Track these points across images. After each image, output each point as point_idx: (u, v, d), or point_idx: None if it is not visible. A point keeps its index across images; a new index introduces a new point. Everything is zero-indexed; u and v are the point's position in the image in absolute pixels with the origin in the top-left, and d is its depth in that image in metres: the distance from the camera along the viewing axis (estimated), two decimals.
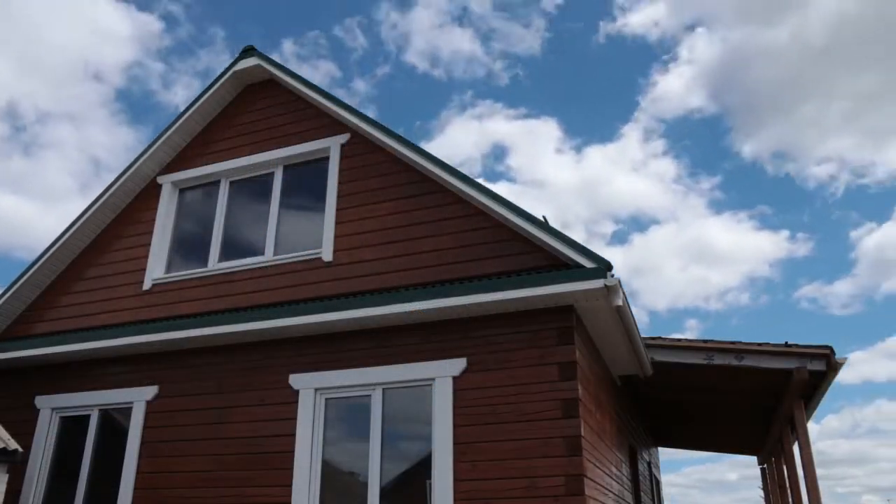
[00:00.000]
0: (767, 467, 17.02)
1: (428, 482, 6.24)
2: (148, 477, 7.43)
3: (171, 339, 7.61)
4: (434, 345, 6.69)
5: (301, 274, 7.69)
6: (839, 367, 8.17)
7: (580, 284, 6.06)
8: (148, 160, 9.13)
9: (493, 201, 6.87)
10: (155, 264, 8.63)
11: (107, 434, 8.01)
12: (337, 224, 7.78)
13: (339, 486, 6.74)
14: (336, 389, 6.95)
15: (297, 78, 8.70)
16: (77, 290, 9.01)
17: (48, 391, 8.44)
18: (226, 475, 7.04)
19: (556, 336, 6.28)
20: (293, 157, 8.50)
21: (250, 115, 9.10)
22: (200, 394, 7.55)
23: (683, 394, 11.38)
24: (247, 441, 7.09)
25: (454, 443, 6.21)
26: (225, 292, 8.00)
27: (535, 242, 6.71)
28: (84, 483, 7.82)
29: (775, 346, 8.36)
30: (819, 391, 9.07)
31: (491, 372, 6.36)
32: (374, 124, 7.89)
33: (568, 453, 5.84)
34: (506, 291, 6.25)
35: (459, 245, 7.05)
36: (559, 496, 5.73)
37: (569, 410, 5.97)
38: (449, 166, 7.26)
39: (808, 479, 8.87)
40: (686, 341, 8.85)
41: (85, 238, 9.24)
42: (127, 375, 8.05)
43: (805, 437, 8.98)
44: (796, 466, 10.64)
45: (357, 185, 7.91)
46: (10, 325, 9.23)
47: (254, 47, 9.15)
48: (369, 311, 6.73)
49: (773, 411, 11.33)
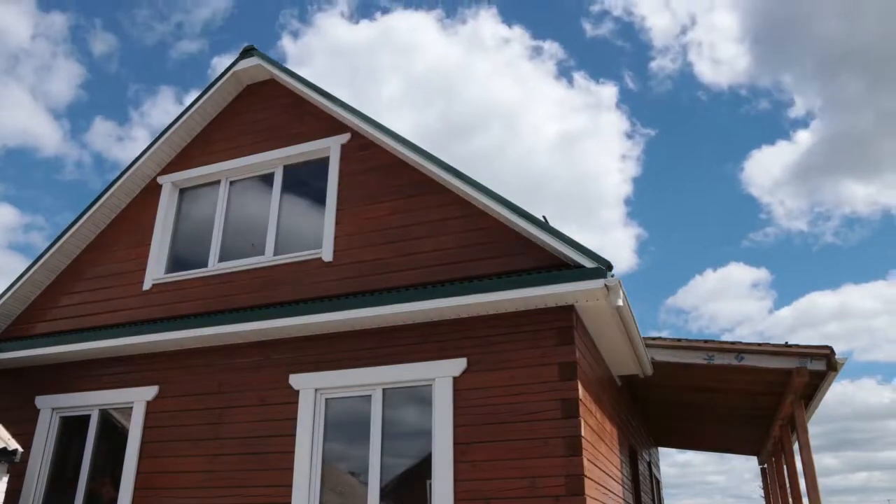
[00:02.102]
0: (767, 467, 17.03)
1: (428, 482, 6.24)
2: (148, 477, 7.43)
3: (171, 339, 7.61)
4: (434, 345, 6.68)
5: (301, 274, 7.68)
6: (839, 366, 8.17)
7: (580, 284, 6.06)
8: (148, 160, 9.13)
9: (493, 201, 6.87)
10: (155, 264, 8.62)
11: (107, 434, 8.01)
12: (337, 224, 7.77)
13: (339, 486, 6.73)
14: (336, 389, 6.95)
15: (297, 78, 8.70)
16: (77, 290, 9.00)
17: (48, 391, 8.44)
18: (226, 475, 7.04)
19: (557, 336, 6.27)
20: (293, 157, 8.49)
21: (250, 115, 9.09)
22: (200, 394, 7.55)
23: (683, 394, 11.38)
24: (247, 441, 7.09)
25: (454, 443, 6.21)
26: (225, 292, 7.99)
27: (535, 242, 6.70)
28: (84, 483, 7.81)
29: (775, 346, 8.37)
30: (819, 391, 9.07)
31: (491, 372, 6.35)
32: (375, 124, 7.89)
33: (568, 453, 5.83)
34: (506, 291, 6.25)
35: (459, 245, 7.05)
36: (559, 496, 5.73)
37: (569, 410, 5.97)
38: (449, 166, 7.26)
39: (808, 479, 8.87)
40: (686, 341, 8.86)
41: (85, 238, 9.24)
42: (127, 375, 8.05)
43: (805, 437, 8.98)
44: (796, 466, 10.65)
45: (357, 184, 7.90)
46: (10, 325, 9.23)
47: (254, 47, 9.15)
48: (369, 311, 6.72)
49: (773, 411, 11.33)
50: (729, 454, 24.03)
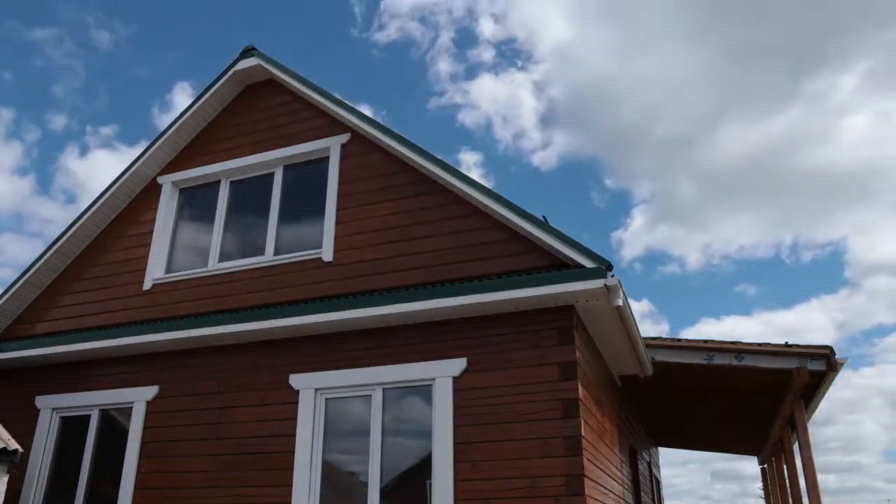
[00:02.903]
0: (767, 467, 17.04)
1: (428, 482, 6.24)
2: (148, 477, 7.42)
3: (171, 339, 7.61)
4: (434, 345, 6.68)
5: (301, 274, 7.68)
6: (839, 366, 8.18)
7: (580, 284, 6.06)
8: (148, 160, 9.13)
9: (493, 201, 6.87)
10: (155, 264, 8.62)
11: (107, 434, 8.00)
12: (337, 224, 7.77)
13: (339, 486, 6.73)
14: (336, 389, 6.94)
15: (297, 78, 8.70)
16: (77, 290, 9.00)
17: (48, 391, 8.43)
18: (226, 475, 7.04)
19: (557, 336, 6.27)
20: (293, 157, 8.49)
21: (250, 115, 9.09)
22: (200, 394, 7.55)
23: (683, 394, 11.39)
24: (247, 441, 7.09)
25: (454, 443, 6.21)
26: (225, 292, 7.99)
27: (535, 242, 6.70)
28: (84, 483, 7.81)
29: (775, 346, 8.37)
30: (819, 391, 9.08)
31: (491, 372, 6.35)
32: (375, 124, 7.89)
33: (568, 453, 5.83)
34: (506, 291, 6.25)
35: (459, 245, 7.05)
36: (559, 496, 5.72)
37: (569, 410, 5.97)
38: (449, 166, 7.26)
39: (808, 479, 8.88)
40: (686, 341, 8.87)
41: (85, 238, 9.24)
42: (127, 375, 8.05)
43: (805, 437, 8.99)
44: (796, 466, 10.65)
45: (357, 184, 7.90)
46: (10, 325, 9.23)
47: (254, 47, 9.15)
48: (369, 311, 6.72)
49: (773, 411, 11.34)
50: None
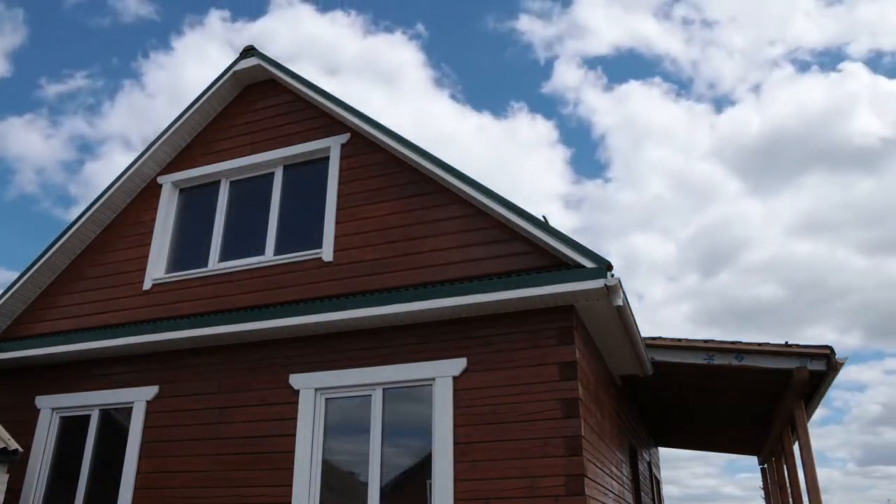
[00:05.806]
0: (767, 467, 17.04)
1: (428, 482, 6.24)
2: (148, 477, 7.43)
3: (171, 339, 7.61)
4: (434, 345, 6.68)
5: (301, 274, 7.68)
6: (839, 367, 8.18)
7: (581, 284, 6.06)
8: (148, 160, 9.13)
9: (493, 201, 6.87)
10: (155, 264, 8.62)
11: (107, 434, 8.00)
12: (337, 224, 7.77)
13: (339, 486, 6.73)
14: (336, 389, 6.95)
15: (297, 78, 8.70)
16: (77, 290, 9.00)
17: (48, 391, 8.44)
18: (226, 475, 7.04)
19: (557, 336, 6.27)
20: (293, 156, 8.49)
21: (250, 115, 9.09)
22: (200, 394, 7.55)
23: (683, 394, 11.38)
24: (247, 441, 7.09)
25: (454, 443, 6.21)
26: (225, 292, 7.99)
27: (535, 242, 6.70)
28: (84, 483, 7.81)
29: (775, 346, 8.37)
30: (819, 391, 9.08)
31: (491, 372, 6.35)
32: (375, 124, 7.89)
33: (568, 453, 5.83)
34: (506, 291, 6.25)
35: (459, 245, 7.05)
36: (559, 496, 5.72)
37: (569, 410, 5.97)
38: (449, 166, 7.25)
39: (809, 479, 8.88)
40: (686, 341, 8.86)
41: (85, 238, 9.24)
42: (127, 375, 8.05)
43: (805, 437, 8.99)
44: (796, 466, 10.65)
45: (357, 184, 7.90)
46: (10, 325, 9.23)
47: (254, 47, 9.15)
48: (369, 311, 6.72)
49: (773, 411, 11.34)
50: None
